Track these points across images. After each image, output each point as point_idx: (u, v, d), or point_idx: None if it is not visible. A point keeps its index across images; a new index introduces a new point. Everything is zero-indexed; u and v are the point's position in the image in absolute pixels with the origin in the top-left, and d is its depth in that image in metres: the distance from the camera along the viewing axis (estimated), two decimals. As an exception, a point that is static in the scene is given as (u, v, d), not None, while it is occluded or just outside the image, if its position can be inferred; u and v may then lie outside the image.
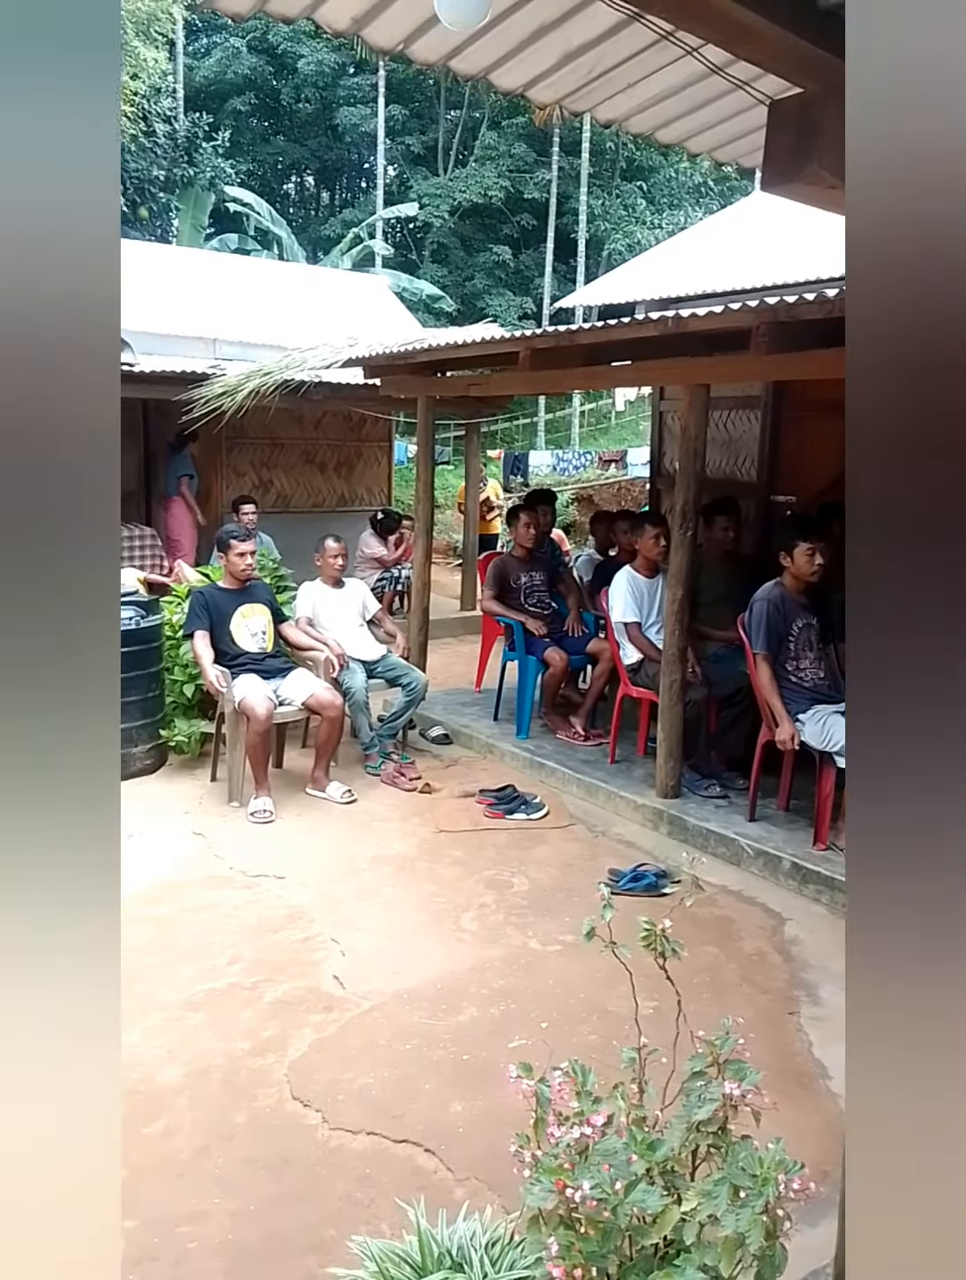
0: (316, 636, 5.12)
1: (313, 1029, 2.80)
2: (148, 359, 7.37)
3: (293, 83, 24.16)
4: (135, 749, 4.96)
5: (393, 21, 2.86)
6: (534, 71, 3.19)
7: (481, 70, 3.16)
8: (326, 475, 9.69)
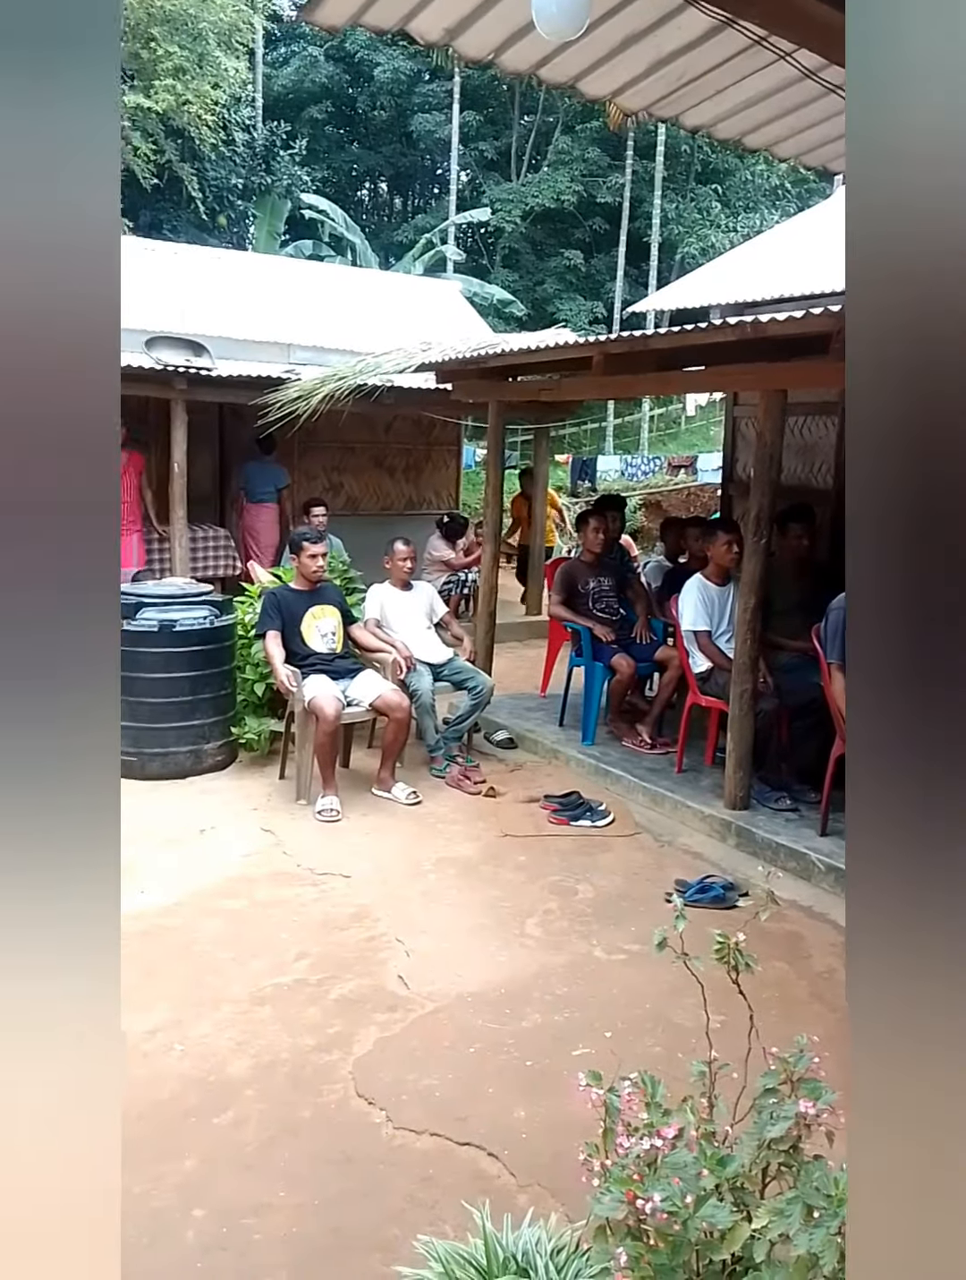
0: (384, 638, 5.17)
1: (377, 1027, 2.83)
2: (225, 364, 7.52)
3: (369, 90, 24.45)
4: (207, 745, 5.07)
5: (484, 32, 2.89)
6: (623, 79, 3.18)
7: (569, 78, 3.17)
8: (395, 479, 9.78)
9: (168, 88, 12.92)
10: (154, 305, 8.54)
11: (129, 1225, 2.09)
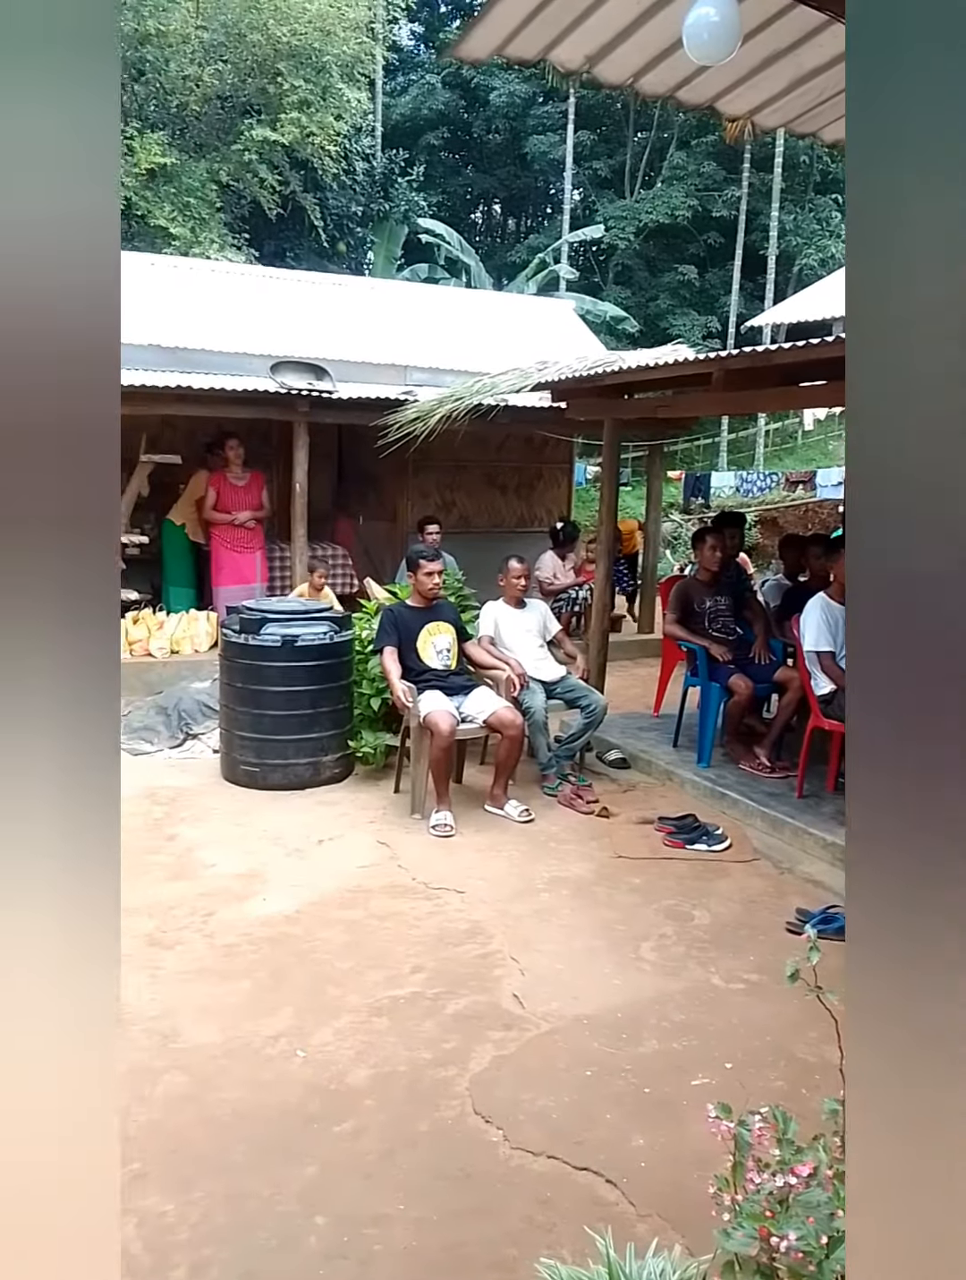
0: (498, 655, 5.21)
1: (493, 1045, 2.83)
2: (344, 386, 7.73)
3: (484, 115, 24.84)
4: (325, 758, 5.19)
5: (624, 58, 2.92)
6: (762, 97, 3.17)
7: (708, 99, 3.17)
8: (507, 496, 9.85)
9: (293, 120, 13.41)
10: (278, 331, 8.85)
11: (257, 1228, 2.15)
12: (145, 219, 13.39)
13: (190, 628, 7.38)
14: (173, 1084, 2.63)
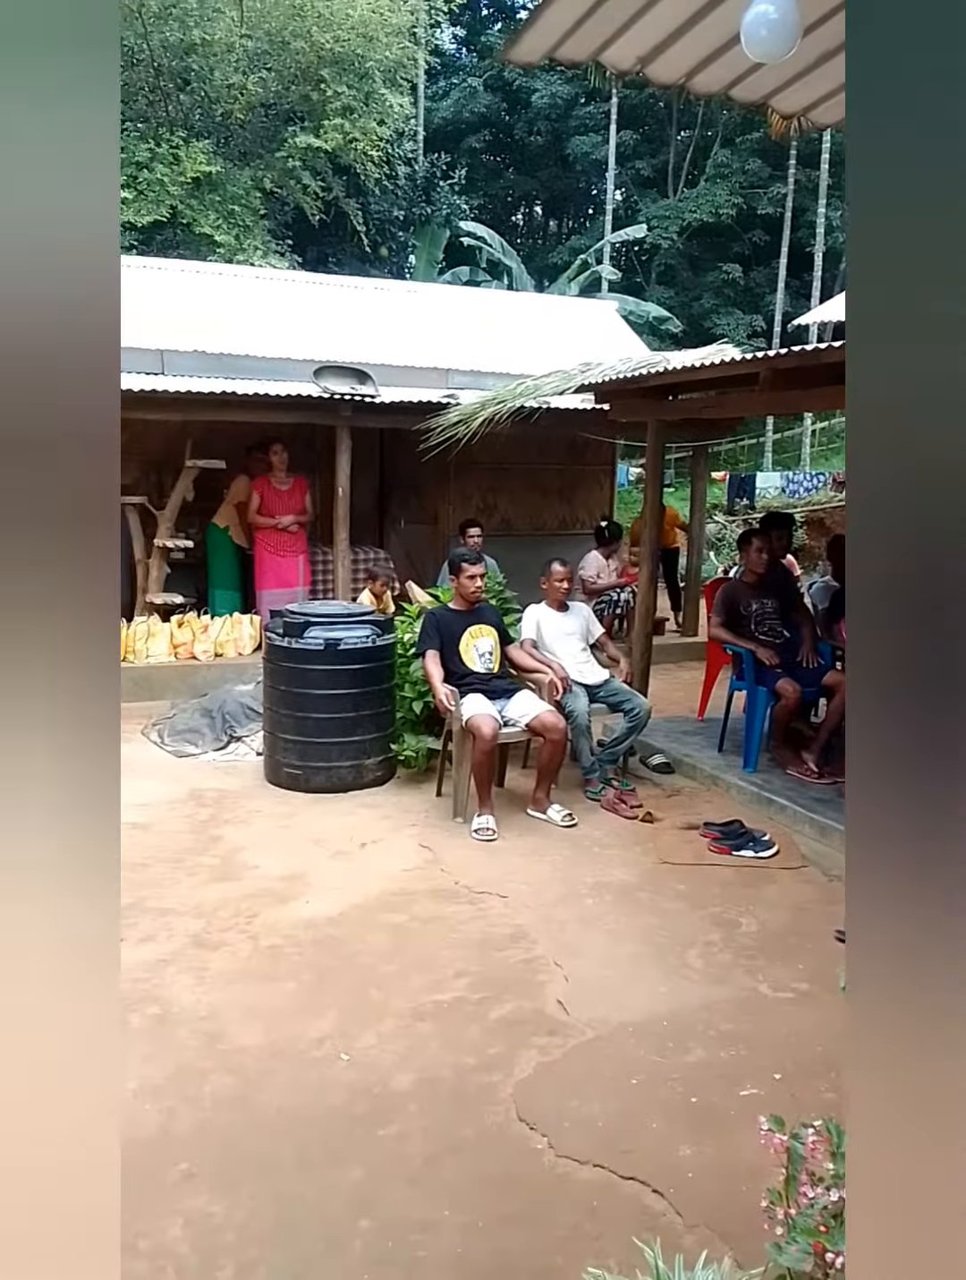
0: (541, 659, 5.18)
1: (537, 1051, 2.82)
2: (386, 390, 7.76)
3: (526, 117, 24.85)
4: (368, 760, 5.21)
5: (677, 58, 2.91)
6: (817, 94, 3.13)
7: (762, 96, 3.14)
8: (548, 499, 9.82)
9: (336, 127, 13.50)
10: (321, 335, 8.92)
11: (304, 1231, 2.15)
12: (190, 227, 13.57)
13: (234, 631, 7.45)
14: (220, 1085, 2.65)
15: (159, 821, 4.62)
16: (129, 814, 4.68)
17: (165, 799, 4.93)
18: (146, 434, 7.98)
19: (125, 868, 4.06)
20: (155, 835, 4.45)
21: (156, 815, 4.69)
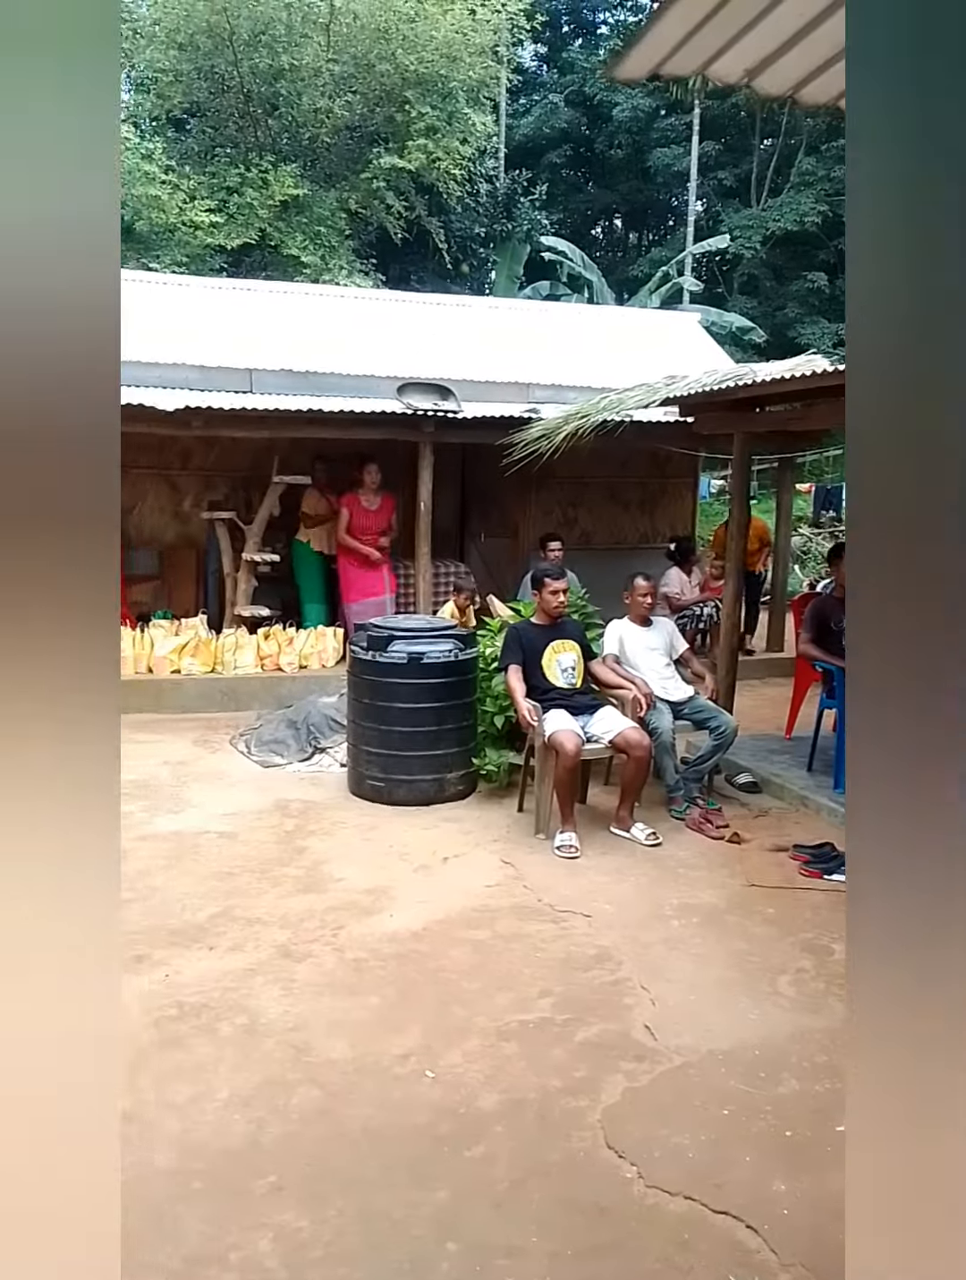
0: (624, 675, 5.13)
1: (624, 1077, 2.77)
2: (468, 405, 7.80)
3: (607, 131, 24.83)
4: (449, 774, 5.22)
5: (785, 69, 2.87)
6: None
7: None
8: (630, 512, 9.75)
9: (420, 147, 13.70)
10: (404, 352, 9.02)
11: (390, 1250, 2.15)
12: (278, 249, 13.88)
13: (318, 643, 7.56)
14: (307, 1098, 2.67)
15: (246, 831, 4.70)
16: (217, 823, 4.77)
17: (252, 809, 5.01)
18: (235, 451, 8.19)
19: (213, 876, 4.14)
20: (242, 845, 4.52)
21: (243, 825, 4.77)
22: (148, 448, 8.18)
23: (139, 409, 6.70)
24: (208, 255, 13.68)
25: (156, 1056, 2.84)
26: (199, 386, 7.91)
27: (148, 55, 14.36)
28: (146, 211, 13.09)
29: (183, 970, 3.36)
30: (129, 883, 4.04)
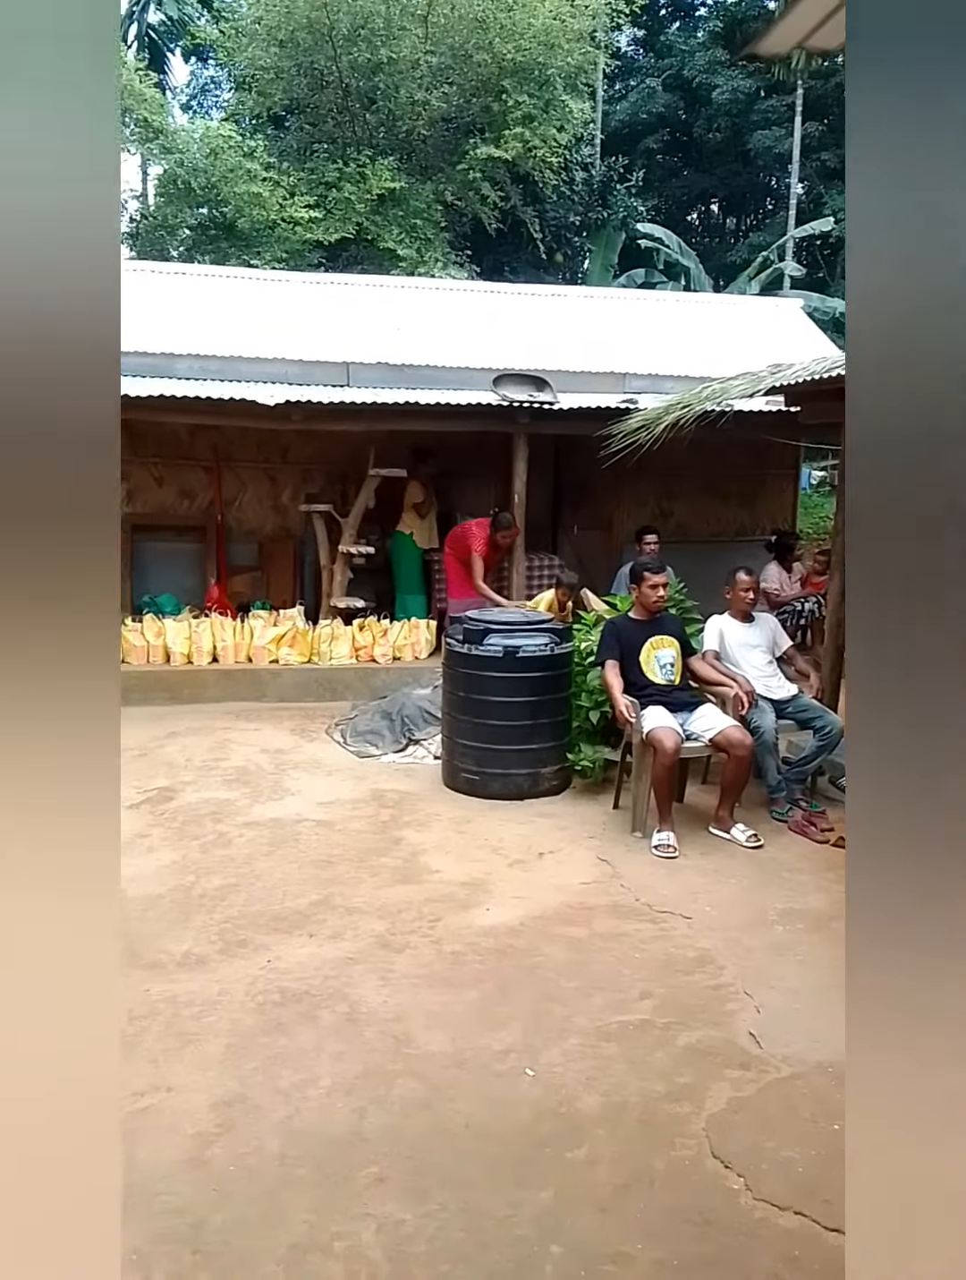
0: (725, 671, 5.02)
1: (729, 1085, 2.70)
2: (563, 396, 7.73)
3: (705, 114, 24.31)
4: (544, 769, 5.19)
5: None
6: None
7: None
8: (728, 504, 9.54)
9: (517, 136, 13.63)
10: (499, 344, 8.99)
11: (494, 1249, 2.14)
12: (374, 243, 14.00)
13: (412, 635, 7.61)
14: (408, 1089, 2.68)
15: (343, 820, 4.75)
16: (315, 811, 4.84)
17: (349, 798, 5.07)
18: (332, 444, 8.28)
19: (312, 864, 4.20)
20: (340, 834, 4.58)
21: (341, 814, 4.83)
22: (248, 442, 8.35)
23: (241, 403, 6.84)
24: (306, 251, 13.87)
25: (261, 1041, 2.90)
26: (298, 381, 8.03)
27: (249, 53, 14.60)
28: (248, 209, 13.35)
29: (284, 956, 3.41)
30: (233, 868, 4.13)
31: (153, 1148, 2.42)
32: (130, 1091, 2.65)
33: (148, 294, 9.07)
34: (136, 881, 3.98)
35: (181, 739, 6.03)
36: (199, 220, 14.90)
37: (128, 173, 20.01)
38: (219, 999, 3.12)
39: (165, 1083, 2.69)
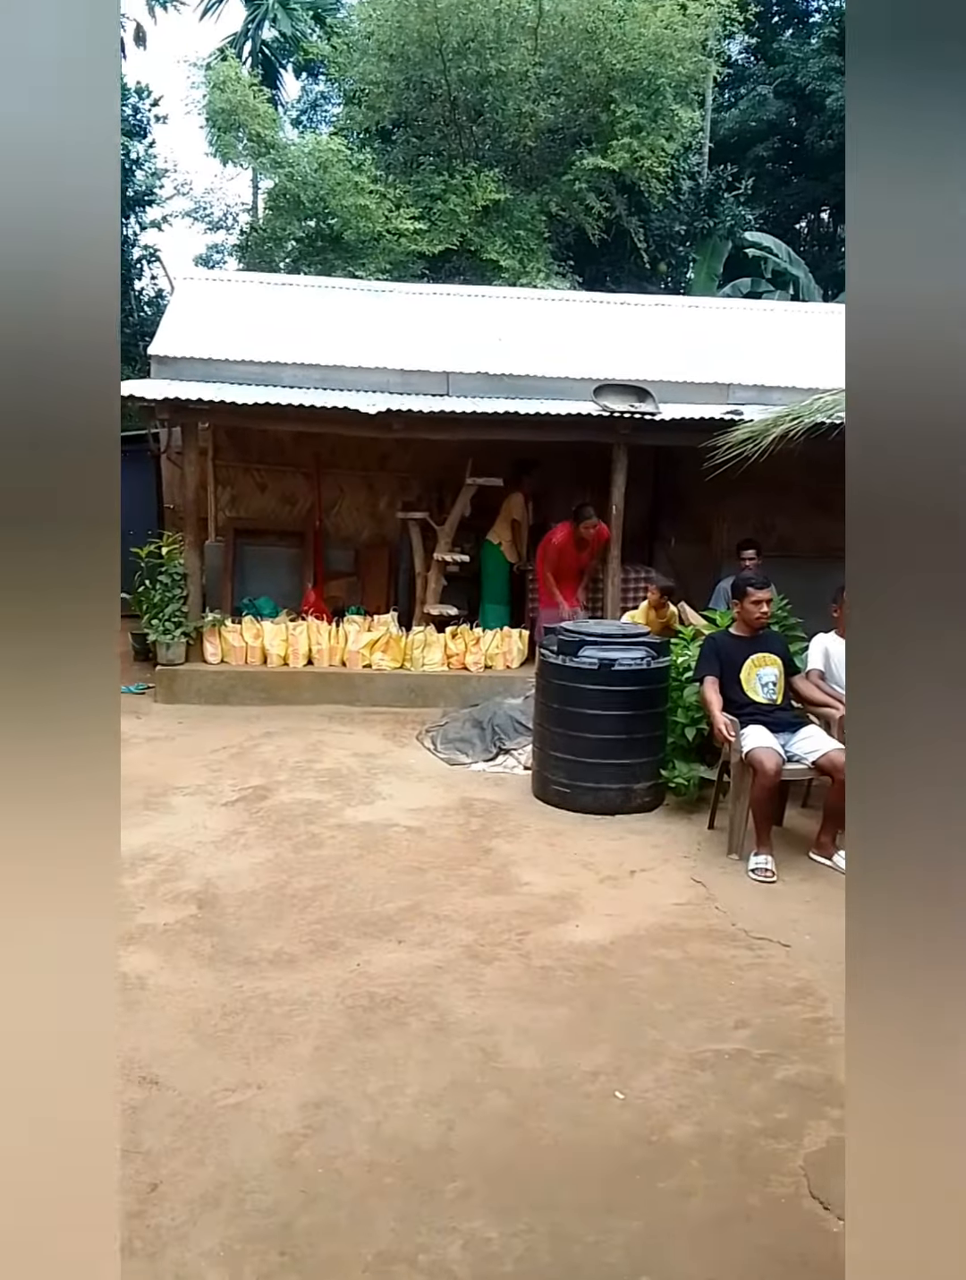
0: (830, 692, 4.86)
1: (829, 1124, 2.59)
2: (665, 407, 7.63)
3: (818, 121, 23.80)
4: (637, 785, 5.11)
5: None
6: None
7: None
8: (835, 519, 9.23)
9: (624, 146, 13.52)
10: (601, 354, 8.94)
11: (582, 1275, 2.09)
12: (477, 253, 14.07)
13: (504, 644, 7.60)
14: (496, 1104, 2.65)
15: (433, 828, 4.76)
16: (405, 817, 4.86)
17: (439, 805, 5.08)
18: (430, 452, 8.35)
19: (402, 871, 4.22)
20: (430, 840, 4.58)
21: (431, 821, 4.84)
22: (348, 449, 8.48)
23: (343, 412, 6.95)
24: (409, 262, 14.03)
25: (350, 1044, 2.91)
26: (399, 390, 8.11)
27: (360, 68, 14.86)
28: (354, 221, 13.57)
29: (373, 961, 3.42)
30: (324, 870, 4.17)
31: (245, 1145, 2.45)
32: (222, 1086, 2.68)
33: (255, 305, 9.30)
34: (231, 878, 4.05)
35: (276, 739, 6.13)
36: (306, 233, 15.20)
37: (240, 187, 20.53)
38: (309, 999, 3.15)
39: (256, 1080, 2.72)
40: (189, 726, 6.39)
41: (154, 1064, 2.76)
